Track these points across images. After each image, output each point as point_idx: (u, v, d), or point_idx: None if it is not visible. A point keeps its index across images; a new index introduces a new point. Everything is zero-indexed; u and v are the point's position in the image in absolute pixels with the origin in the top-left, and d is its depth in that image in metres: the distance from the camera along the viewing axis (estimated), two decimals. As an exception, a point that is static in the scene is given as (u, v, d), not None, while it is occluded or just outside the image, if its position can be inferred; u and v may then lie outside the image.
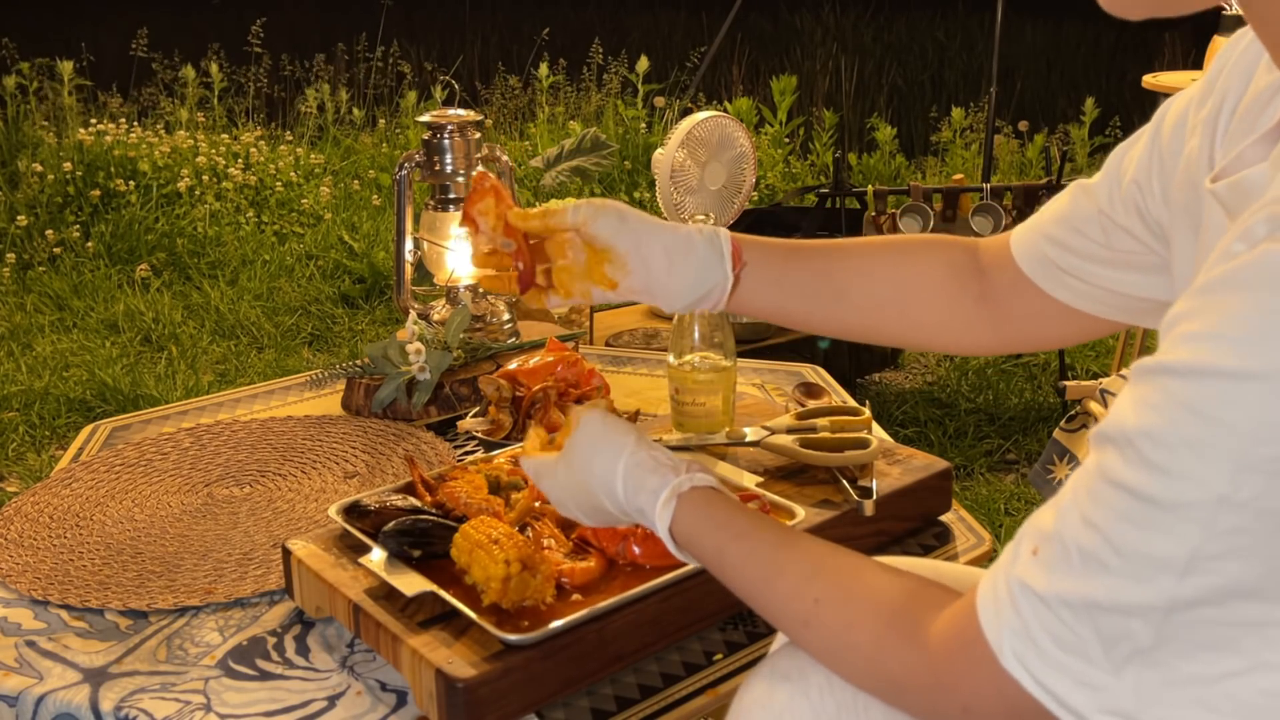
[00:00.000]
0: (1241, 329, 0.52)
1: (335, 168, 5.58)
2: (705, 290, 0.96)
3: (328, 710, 0.96)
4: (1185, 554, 0.54)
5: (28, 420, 3.28)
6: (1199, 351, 0.53)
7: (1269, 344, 0.51)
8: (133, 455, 1.46)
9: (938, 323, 1.01)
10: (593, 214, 0.94)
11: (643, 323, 2.90)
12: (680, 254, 0.95)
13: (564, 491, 0.92)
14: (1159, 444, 0.55)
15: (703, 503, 0.85)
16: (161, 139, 5.20)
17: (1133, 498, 0.56)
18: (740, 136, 2.28)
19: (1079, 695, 0.59)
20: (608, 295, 0.96)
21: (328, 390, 1.68)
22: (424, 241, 1.71)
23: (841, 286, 1.00)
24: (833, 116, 5.70)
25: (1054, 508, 0.63)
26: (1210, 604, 0.55)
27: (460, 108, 1.72)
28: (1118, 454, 0.57)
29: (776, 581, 0.78)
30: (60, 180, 4.77)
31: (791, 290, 1.00)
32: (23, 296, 4.21)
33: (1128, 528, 0.57)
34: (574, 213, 0.94)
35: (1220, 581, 0.55)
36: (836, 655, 0.74)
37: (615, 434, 0.90)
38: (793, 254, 1.00)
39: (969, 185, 3.22)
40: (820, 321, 1.02)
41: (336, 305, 4.29)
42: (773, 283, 0.99)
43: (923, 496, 1.23)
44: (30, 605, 1.13)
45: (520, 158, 5.18)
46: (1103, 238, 0.88)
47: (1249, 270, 0.53)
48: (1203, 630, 0.56)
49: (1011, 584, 0.63)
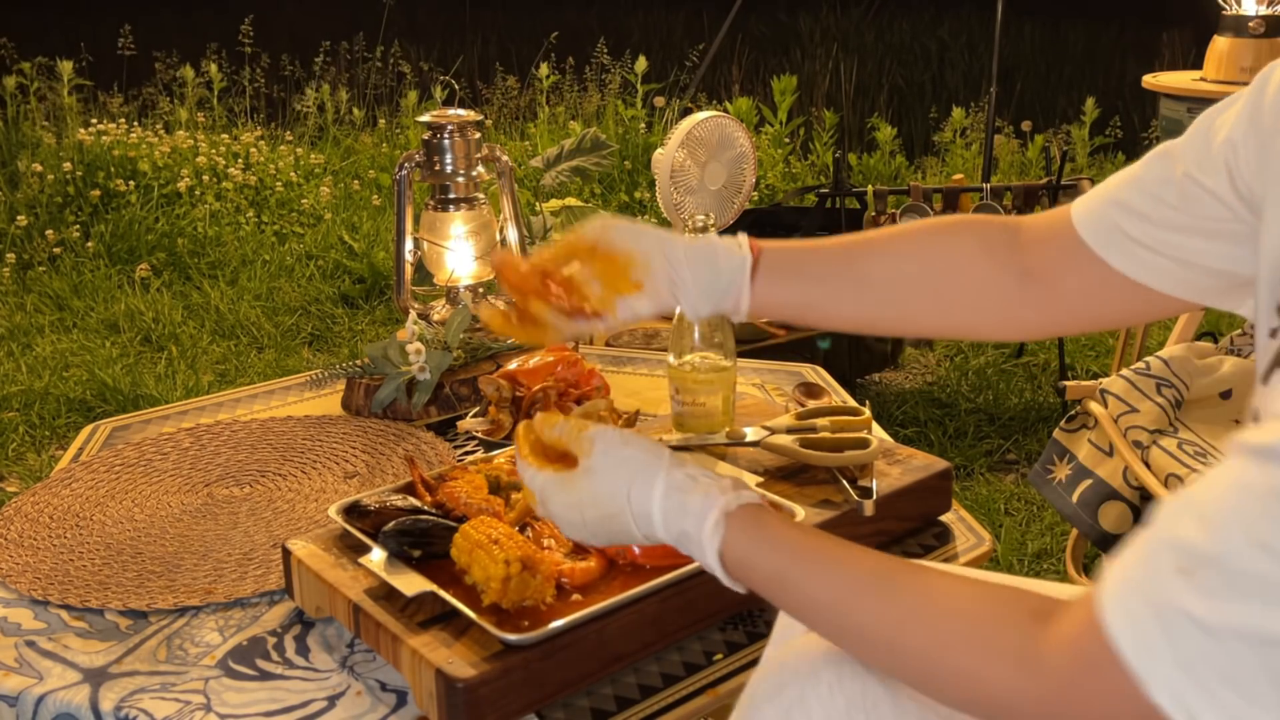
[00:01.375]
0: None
1: (335, 168, 5.58)
2: (725, 287, 0.95)
3: (328, 710, 0.96)
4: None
5: (28, 420, 3.28)
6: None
7: None
8: (133, 455, 1.46)
9: (974, 305, 0.94)
10: (607, 225, 0.95)
11: (643, 323, 2.90)
12: (701, 256, 0.95)
13: (578, 513, 0.87)
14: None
15: (753, 522, 0.80)
16: (161, 139, 5.20)
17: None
18: (740, 136, 2.28)
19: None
20: (636, 307, 0.95)
21: (328, 390, 1.68)
22: (424, 241, 1.71)
23: (864, 272, 0.96)
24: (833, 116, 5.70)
25: (1201, 522, 0.57)
26: None
27: (460, 108, 1.72)
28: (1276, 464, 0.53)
29: (852, 605, 0.73)
30: (60, 180, 4.77)
31: (814, 283, 0.96)
32: (23, 296, 4.21)
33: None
34: (589, 230, 0.95)
35: None
36: (930, 679, 0.70)
37: (644, 452, 0.85)
38: (813, 248, 0.98)
39: (969, 185, 3.22)
40: (848, 313, 0.97)
41: (336, 305, 4.29)
42: (795, 278, 0.96)
43: (923, 496, 1.23)
44: (30, 605, 1.13)
45: (520, 158, 5.18)
46: (1181, 202, 0.82)
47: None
48: None
49: (1161, 608, 0.57)
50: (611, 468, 0.85)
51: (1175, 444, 1.83)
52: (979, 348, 3.81)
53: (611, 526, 0.85)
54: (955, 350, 3.81)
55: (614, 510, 0.85)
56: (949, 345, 3.86)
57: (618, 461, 0.85)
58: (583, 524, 0.87)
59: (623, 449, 0.86)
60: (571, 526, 0.88)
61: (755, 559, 0.79)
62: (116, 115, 5.61)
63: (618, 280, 0.95)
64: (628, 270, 0.94)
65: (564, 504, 0.87)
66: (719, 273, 0.95)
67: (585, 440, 0.87)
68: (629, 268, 0.94)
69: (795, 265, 0.96)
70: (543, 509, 0.90)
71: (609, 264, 0.95)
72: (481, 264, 1.72)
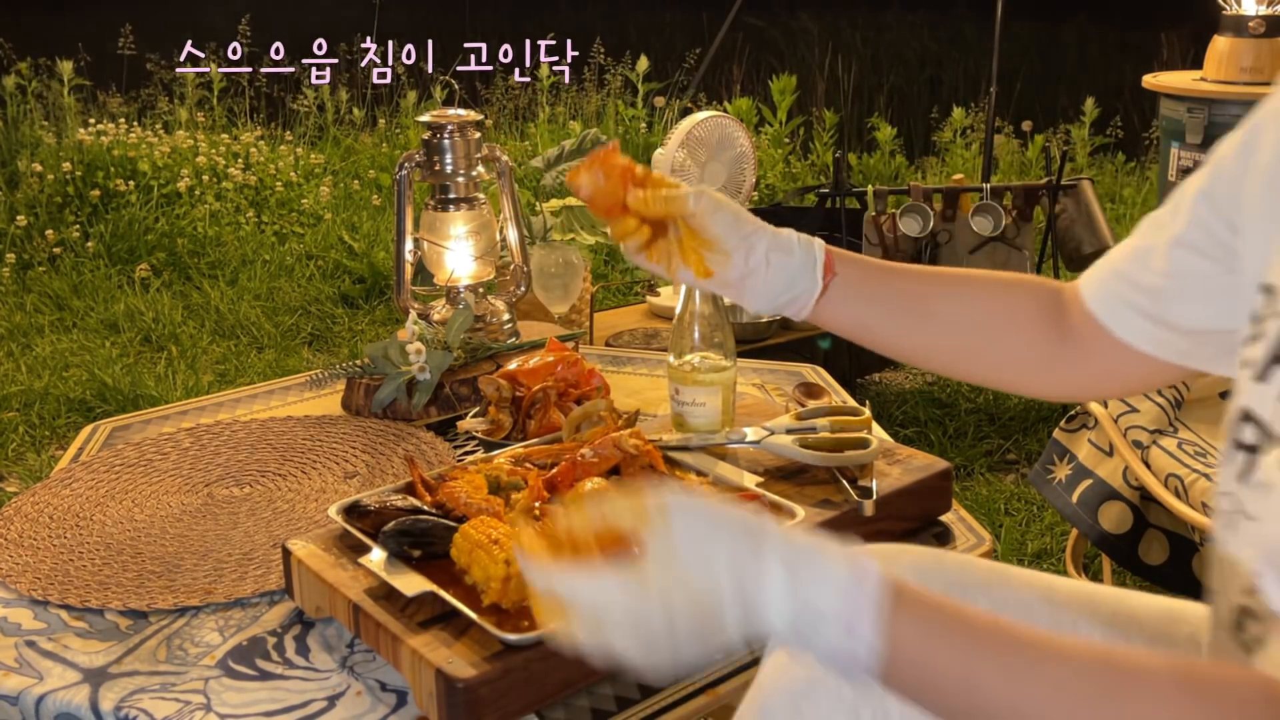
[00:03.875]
0: None
1: (335, 168, 5.58)
2: (793, 295, 0.96)
3: (328, 710, 0.96)
4: None
5: (27, 420, 3.28)
6: None
7: None
8: (132, 455, 1.46)
9: (1023, 361, 0.96)
10: (713, 209, 0.94)
11: (643, 323, 2.90)
12: (778, 260, 0.95)
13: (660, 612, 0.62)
14: None
15: (918, 604, 0.61)
16: (161, 139, 5.20)
17: None
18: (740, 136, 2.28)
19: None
20: (693, 280, 0.96)
21: (328, 390, 1.68)
22: (424, 241, 1.71)
23: (933, 308, 0.97)
24: (833, 116, 5.70)
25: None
26: None
27: (460, 108, 1.72)
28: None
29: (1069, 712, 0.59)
30: (60, 180, 4.76)
31: (879, 306, 0.97)
32: (22, 296, 4.21)
33: None
34: (695, 201, 0.94)
35: None
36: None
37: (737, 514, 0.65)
38: (886, 271, 0.99)
39: (969, 185, 3.22)
40: (907, 343, 0.99)
41: (336, 305, 4.29)
42: (861, 297, 0.97)
43: (923, 496, 1.23)
44: (30, 605, 1.13)
45: (520, 158, 5.18)
46: (1172, 269, 0.85)
47: None
48: None
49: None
50: (702, 534, 0.63)
51: (1175, 444, 1.83)
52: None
53: (707, 623, 0.62)
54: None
55: (712, 597, 0.62)
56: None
57: (712, 524, 0.63)
58: (668, 628, 0.62)
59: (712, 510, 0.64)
60: (649, 640, 0.62)
61: (934, 653, 0.60)
62: (116, 115, 5.61)
63: (693, 253, 0.96)
64: (703, 250, 0.95)
65: (637, 604, 0.62)
66: (791, 281, 0.96)
67: (648, 510, 0.64)
68: (705, 250, 0.95)
69: (864, 285, 0.97)
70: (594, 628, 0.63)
71: (692, 235, 0.95)
72: (481, 264, 1.72)
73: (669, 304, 2.85)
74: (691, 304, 1.31)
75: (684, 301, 1.32)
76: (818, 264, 0.96)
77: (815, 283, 0.96)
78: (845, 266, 0.98)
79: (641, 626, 0.62)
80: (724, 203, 0.96)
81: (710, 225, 0.95)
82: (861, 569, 0.61)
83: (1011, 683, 0.59)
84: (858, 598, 0.60)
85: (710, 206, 0.95)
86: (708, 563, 0.62)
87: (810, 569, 0.61)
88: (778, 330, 2.89)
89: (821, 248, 0.98)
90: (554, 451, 1.22)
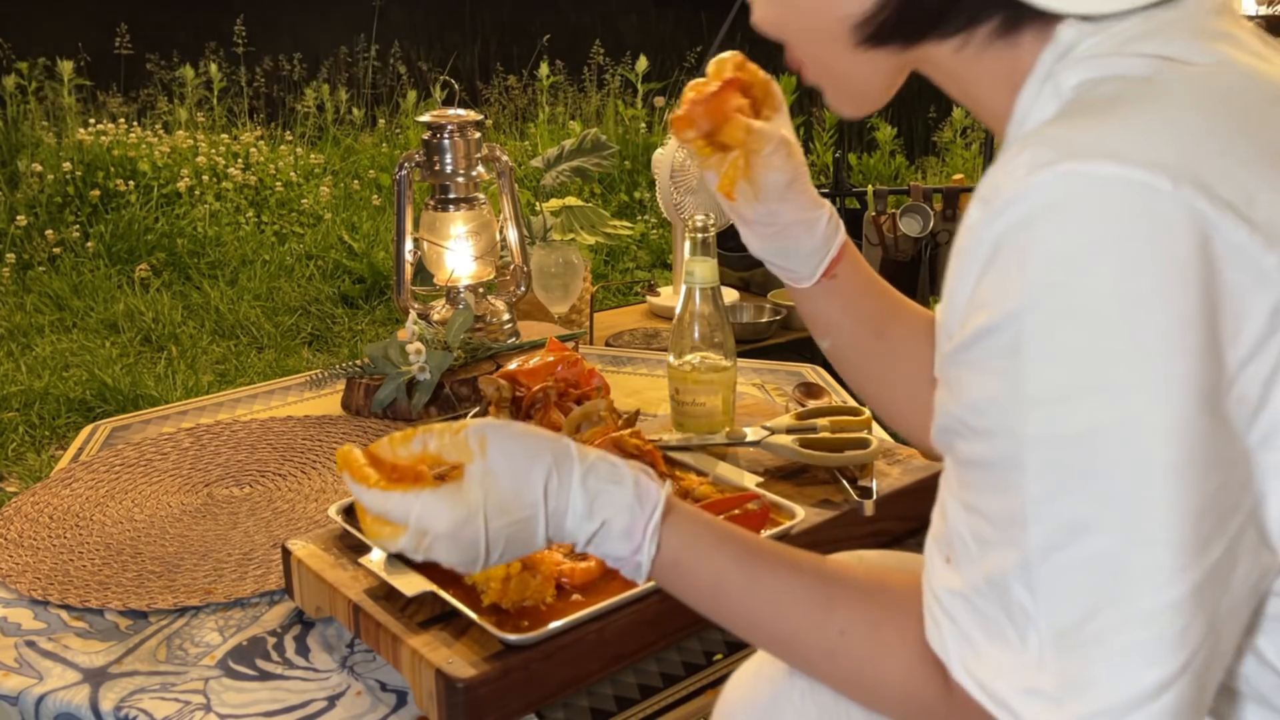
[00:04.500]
0: (988, 291, 0.58)
1: (335, 167, 5.58)
2: (785, 266, 1.00)
3: (328, 710, 0.96)
4: (1022, 503, 0.58)
5: (27, 420, 3.29)
6: (972, 322, 0.59)
7: (1007, 293, 0.57)
8: (132, 455, 1.46)
9: None
10: (777, 165, 0.97)
11: (643, 323, 2.90)
12: (794, 232, 0.99)
13: (477, 529, 0.72)
14: (976, 410, 0.59)
15: (687, 520, 0.75)
16: (161, 139, 5.20)
17: (980, 468, 0.60)
18: (740, 136, 2.28)
19: (1003, 682, 0.60)
20: (715, 192, 0.99)
21: (327, 390, 1.68)
22: (424, 241, 1.71)
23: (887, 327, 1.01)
24: (833, 117, 5.70)
25: (941, 513, 0.65)
26: (1059, 548, 0.57)
27: (460, 107, 1.72)
28: (957, 437, 0.62)
29: (790, 612, 0.72)
30: (60, 180, 4.77)
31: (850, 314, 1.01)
32: (22, 296, 4.21)
33: (988, 497, 0.60)
34: (770, 151, 0.97)
35: (1055, 523, 0.57)
36: (860, 687, 0.71)
37: (549, 439, 0.75)
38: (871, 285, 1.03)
39: (969, 185, 3.22)
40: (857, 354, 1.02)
41: (336, 305, 4.29)
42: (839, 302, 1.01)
43: (923, 497, 1.23)
44: (30, 605, 1.13)
45: (520, 158, 5.19)
46: None
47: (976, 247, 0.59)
48: (1065, 578, 0.57)
49: (939, 593, 0.64)
50: (519, 457, 0.73)
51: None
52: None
53: (519, 535, 0.73)
54: (955, 350, 3.82)
55: (526, 514, 0.73)
56: (949, 345, 3.86)
57: (524, 450, 0.73)
58: (484, 543, 0.72)
59: (522, 436, 0.74)
60: (469, 549, 0.72)
61: (694, 561, 0.74)
62: (116, 115, 5.61)
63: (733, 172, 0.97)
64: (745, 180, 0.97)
65: (457, 522, 0.71)
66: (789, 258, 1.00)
67: (470, 439, 0.73)
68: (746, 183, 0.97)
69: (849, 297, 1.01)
70: (420, 542, 0.72)
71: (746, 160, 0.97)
72: (481, 264, 1.72)
73: (669, 304, 2.85)
74: (691, 304, 1.31)
75: (684, 301, 1.32)
76: (826, 257, 1.00)
77: (813, 274, 1.00)
78: (845, 271, 1.01)
79: (462, 541, 0.72)
80: (793, 164, 0.98)
81: (764, 176, 0.97)
82: (644, 492, 0.74)
83: (750, 587, 0.73)
84: (638, 515, 0.73)
85: (779, 160, 0.97)
86: (522, 488, 0.72)
87: (605, 494, 0.73)
88: (778, 330, 2.89)
89: (839, 245, 1.01)
90: (554, 451, 1.22)
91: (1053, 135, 0.59)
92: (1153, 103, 0.60)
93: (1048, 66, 0.65)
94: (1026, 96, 0.66)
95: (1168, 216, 0.55)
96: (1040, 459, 0.57)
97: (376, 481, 0.73)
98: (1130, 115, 0.59)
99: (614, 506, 0.73)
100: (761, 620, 0.74)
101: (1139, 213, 0.55)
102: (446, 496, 0.72)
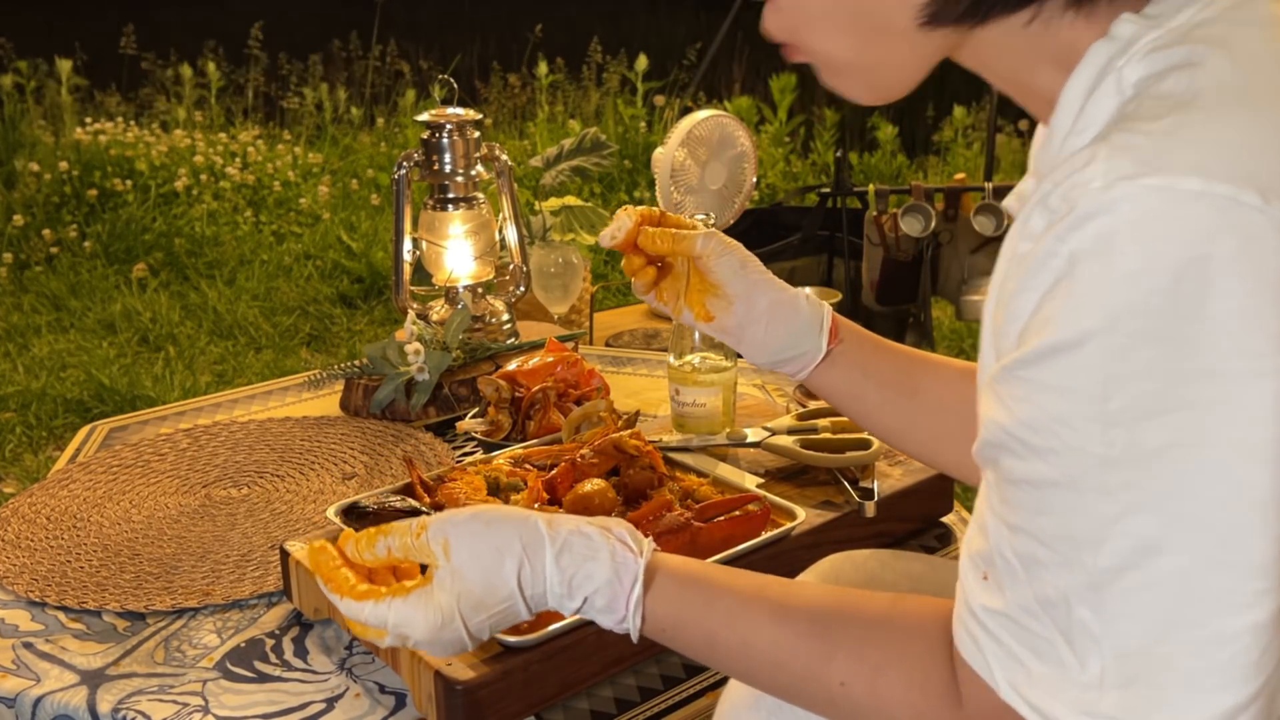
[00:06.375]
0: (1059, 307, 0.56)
1: (333, 167, 5.57)
2: (794, 354, 0.97)
3: (326, 712, 0.96)
4: (1093, 524, 0.56)
5: (25, 421, 3.28)
6: (1036, 338, 0.57)
7: (1081, 311, 0.55)
8: (130, 456, 1.46)
9: None
10: (719, 250, 0.96)
11: (643, 323, 2.90)
12: (782, 314, 0.96)
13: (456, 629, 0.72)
14: (1036, 429, 0.58)
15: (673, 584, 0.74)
16: (159, 138, 5.20)
17: (1035, 488, 0.58)
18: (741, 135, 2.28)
19: (1058, 703, 0.59)
20: (695, 324, 0.98)
21: (326, 391, 1.68)
22: (423, 241, 1.70)
23: (918, 385, 0.98)
24: (833, 115, 5.70)
25: (980, 530, 0.64)
26: (1131, 568, 0.56)
27: (459, 107, 1.71)
28: (1008, 454, 0.60)
29: (788, 667, 0.71)
30: (57, 180, 4.76)
31: (874, 379, 0.98)
32: (20, 296, 4.21)
33: (1042, 518, 0.58)
34: (703, 243, 0.96)
35: (1129, 543, 0.56)
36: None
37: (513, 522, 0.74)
38: (880, 344, 1.00)
39: (971, 185, 3.22)
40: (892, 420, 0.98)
41: (335, 305, 4.29)
42: (857, 366, 0.98)
43: (924, 498, 1.23)
44: (27, 607, 1.12)
45: (520, 157, 5.18)
46: None
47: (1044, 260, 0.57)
48: (1134, 599, 0.56)
49: (978, 612, 0.63)
50: (486, 555, 0.72)
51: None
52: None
53: (502, 621, 0.74)
54: (957, 350, 3.81)
55: (503, 606, 0.72)
56: (951, 345, 3.86)
57: (490, 547, 0.72)
58: (466, 637, 0.73)
59: (486, 530, 0.73)
60: (452, 646, 0.73)
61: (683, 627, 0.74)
62: (114, 114, 5.60)
63: (696, 294, 0.97)
64: (706, 295, 0.97)
65: (434, 627, 0.71)
66: (795, 339, 0.97)
67: (431, 542, 0.73)
68: (709, 295, 0.97)
69: (860, 354, 0.98)
70: (404, 643, 0.73)
71: (699, 277, 0.97)
72: (480, 264, 1.72)
73: (668, 304, 2.84)
74: (692, 304, 1.31)
75: (684, 301, 1.31)
76: (824, 326, 0.97)
77: (820, 347, 0.97)
78: (849, 334, 0.99)
79: (444, 641, 0.72)
80: (733, 247, 0.97)
81: (715, 268, 0.96)
82: (622, 564, 0.73)
83: (743, 648, 0.72)
84: (619, 590, 0.73)
85: (717, 249, 0.96)
86: (494, 584, 0.72)
87: (581, 572, 0.72)
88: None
89: (829, 313, 0.98)
90: (553, 452, 1.21)
91: (1130, 145, 0.56)
92: (1230, 107, 0.57)
93: (1104, 61, 0.62)
94: (1080, 86, 0.63)
95: (1257, 234, 0.53)
96: (1116, 479, 0.55)
97: (351, 589, 0.73)
98: (1209, 122, 0.56)
99: (592, 583, 0.73)
100: (759, 677, 0.74)
101: (1226, 230, 0.53)
102: (419, 604, 0.72)
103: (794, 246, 3.52)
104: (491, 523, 0.73)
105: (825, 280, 3.55)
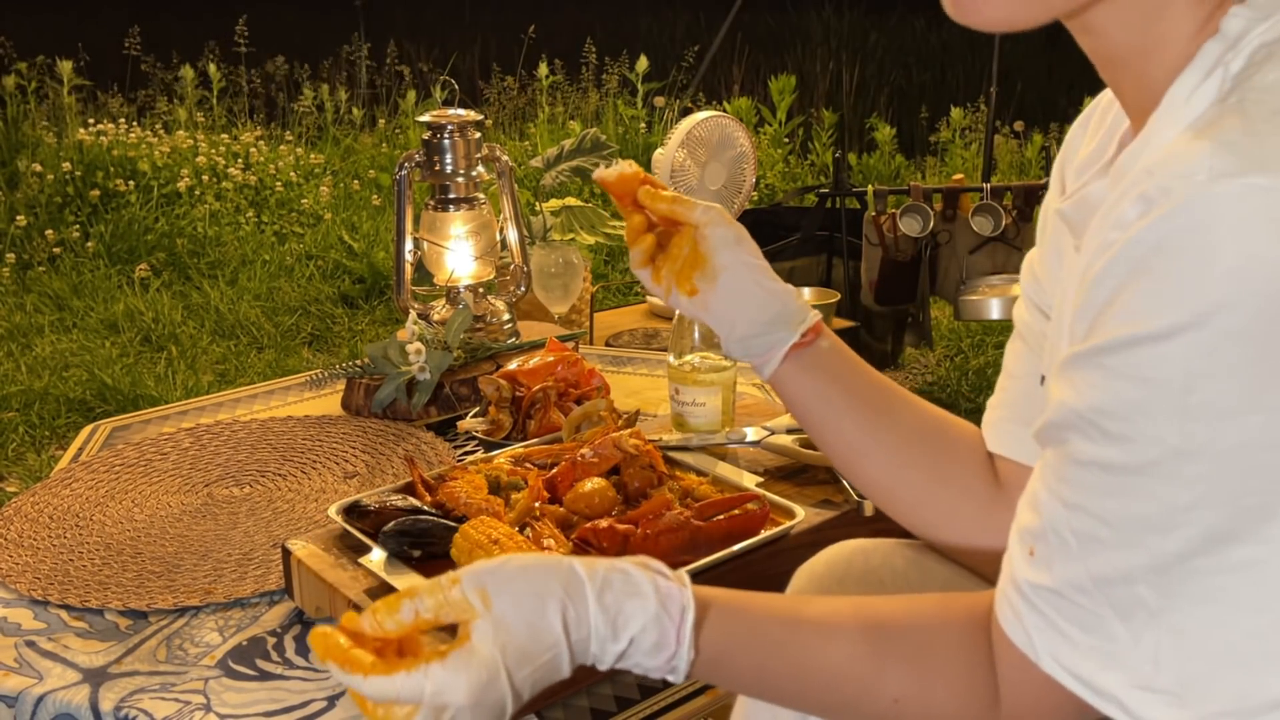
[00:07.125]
0: (1148, 298, 0.56)
1: (335, 167, 5.58)
2: (769, 340, 0.93)
3: (327, 710, 0.96)
4: (1163, 510, 0.57)
5: (27, 420, 3.29)
6: (1120, 327, 0.57)
7: (1173, 304, 0.55)
8: (132, 455, 1.46)
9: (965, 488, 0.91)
10: (717, 220, 0.94)
11: (643, 323, 2.90)
12: (764, 299, 0.93)
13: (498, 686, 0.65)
14: (1111, 415, 0.58)
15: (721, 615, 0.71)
16: (161, 139, 5.20)
17: (1103, 471, 0.59)
18: (740, 136, 2.28)
19: (1109, 676, 0.60)
20: (682, 302, 0.95)
21: (327, 390, 1.68)
22: (424, 241, 1.71)
23: (892, 407, 0.93)
24: (832, 116, 5.71)
25: (1032, 508, 0.64)
26: (1199, 554, 0.57)
27: (460, 107, 1.72)
28: (1078, 435, 0.60)
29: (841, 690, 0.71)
30: (60, 180, 4.77)
31: (843, 387, 0.93)
32: (22, 296, 4.22)
33: (1107, 500, 0.59)
34: (703, 211, 0.95)
35: (1198, 530, 0.57)
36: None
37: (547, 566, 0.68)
38: (860, 363, 0.96)
39: (969, 185, 3.22)
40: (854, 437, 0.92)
41: (336, 305, 4.30)
42: (829, 372, 0.93)
43: (923, 496, 1.23)
44: (30, 605, 1.13)
45: (520, 158, 5.19)
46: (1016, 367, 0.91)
47: (1134, 248, 0.57)
48: (1199, 582, 0.57)
49: (1022, 586, 0.64)
50: (528, 600, 0.67)
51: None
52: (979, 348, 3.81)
53: (545, 678, 0.68)
54: (955, 350, 3.81)
55: (549, 655, 0.67)
56: (949, 345, 3.86)
57: (531, 592, 0.67)
58: (510, 699, 0.66)
59: (524, 575, 0.68)
60: (493, 710, 0.66)
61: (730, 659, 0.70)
62: (116, 115, 5.61)
63: (686, 271, 0.95)
64: (695, 270, 0.94)
65: (479, 688, 0.64)
66: (771, 324, 0.92)
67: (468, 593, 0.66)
68: (700, 271, 0.94)
69: (840, 367, 0.94)
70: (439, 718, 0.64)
71: (695, 252, 0.94)
72: (481, 264, 1.72)
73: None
74: (691, 304, 1.31)
75: (684, 301, 1.32)
76: (804, 322, 0.93)
77: (790, 337, 0.92)
78: (827, 344, 0.94)
79: (487, 705, 0.65)
80: (730, 222, 0.95)
81: (709, 234, 0.94)
82: (668, 598, 0.69)
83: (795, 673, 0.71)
84: (668, 625, 0.68)
85: (716, 218, 0.94)
86: (540, 631, 0.66)
87: (625, 610, 0.68)
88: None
89: (816, 315, 0.95)
90: (554, 452, 1.22)
91: (1234, 141, 0.56)
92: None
93: (1213, 61, 0.62)
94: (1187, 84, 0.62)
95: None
96: (1193, 471, 0.56)
97: (373, 666, 0.64)
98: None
99: (638, 621, 0.68)
100: (811, 701, 0.72)
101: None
102: (460, 665, 0.64)
103: (793, 247, 3.53)
104: (527, 568, 0.68)
105: (824, 280, 3.55)
